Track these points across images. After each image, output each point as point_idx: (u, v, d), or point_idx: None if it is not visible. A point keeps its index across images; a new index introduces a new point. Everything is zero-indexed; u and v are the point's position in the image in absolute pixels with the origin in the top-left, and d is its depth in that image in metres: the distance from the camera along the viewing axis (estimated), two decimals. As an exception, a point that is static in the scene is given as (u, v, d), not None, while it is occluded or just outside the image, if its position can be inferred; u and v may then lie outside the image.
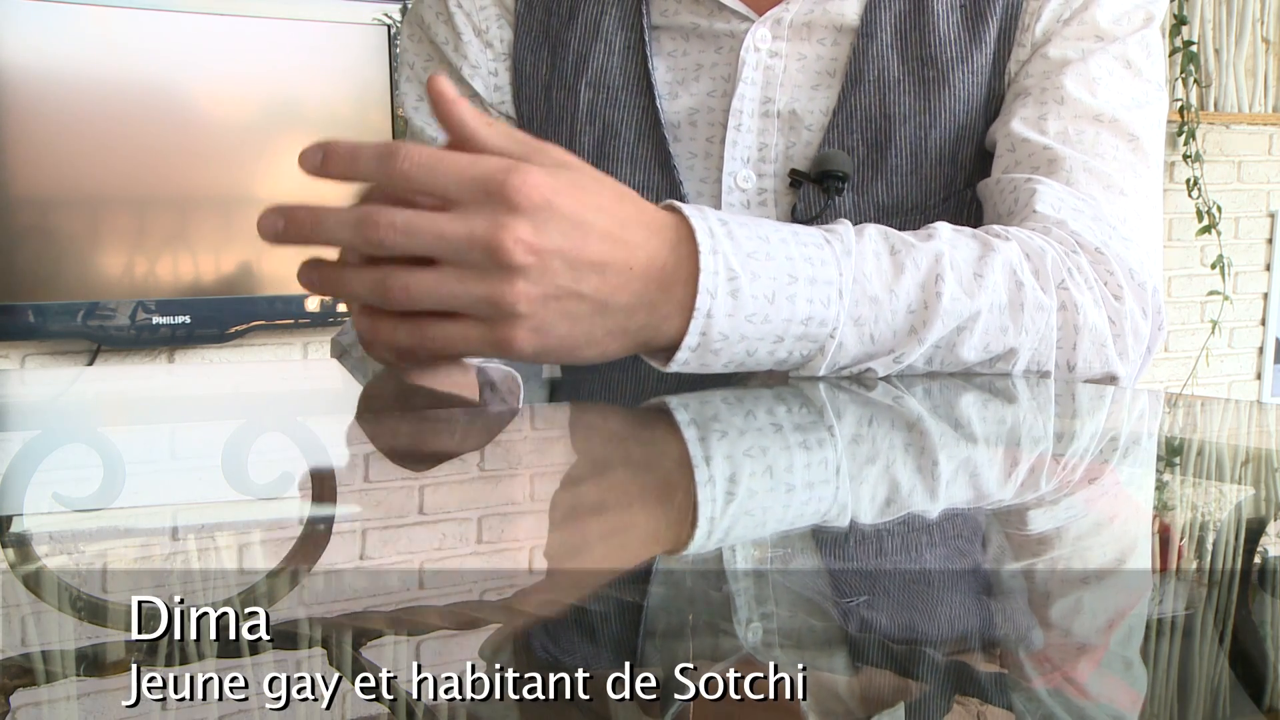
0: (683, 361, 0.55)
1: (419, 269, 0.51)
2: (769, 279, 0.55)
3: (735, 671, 0.23)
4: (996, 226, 0.66)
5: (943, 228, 0.63)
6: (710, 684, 0.22)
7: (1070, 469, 0.42)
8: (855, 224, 0.62)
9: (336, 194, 0.53)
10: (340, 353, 0.85)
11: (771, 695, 0.22)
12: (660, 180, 0.80)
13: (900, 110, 0.77)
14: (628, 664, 0.24)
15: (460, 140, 0.53)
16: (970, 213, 0.80)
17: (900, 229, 0.62)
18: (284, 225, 0.52)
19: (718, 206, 0.80)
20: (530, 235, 0.50)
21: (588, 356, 0.54)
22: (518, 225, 0.50)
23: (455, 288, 0.50)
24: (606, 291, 0.52)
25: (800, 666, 0.23)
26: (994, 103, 0.79)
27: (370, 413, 0.60)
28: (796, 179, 0.78)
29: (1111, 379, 0.66)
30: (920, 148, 0.78)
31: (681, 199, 0.80)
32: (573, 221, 0.51)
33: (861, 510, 0.36)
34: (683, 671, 0.23)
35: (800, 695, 0.22)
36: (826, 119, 0.79)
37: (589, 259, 0.52)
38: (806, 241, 0.57)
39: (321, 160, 0.52)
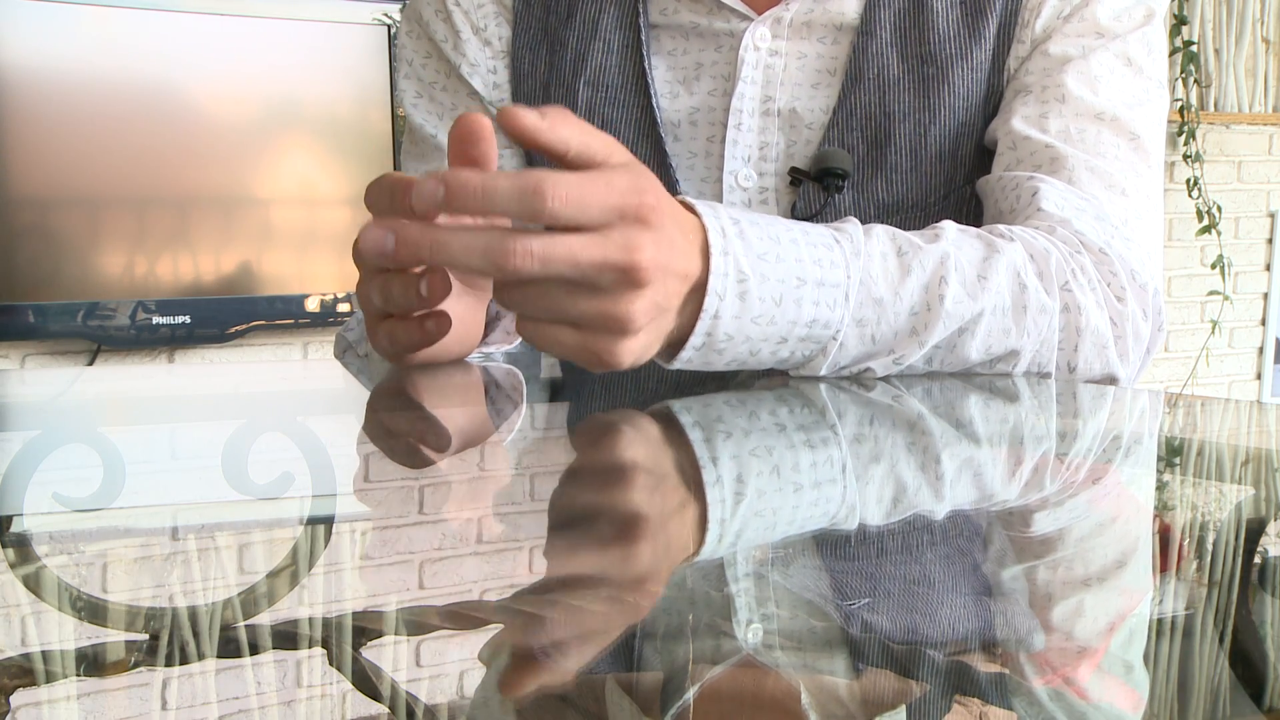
0: (686, 360, 0.55)
1: (544, 284, 0.49)
2: (777, 281, 0.55)
3: (736, 673, 0.23)
4: (1001, 226, 0.66)
5: (949, 227, 0.63)
6: (710, 685, 0.22)
7: (1071, 469, 0.42)
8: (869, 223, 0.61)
9: (336, 193, 0.53)
10: (345, 348, 0.85)
11: (772, 697, 0.22)
12: (658, 179, 0.80)
13: (900, 108, 0.77)
14: (627, 666, 0.24)
15: (547, 152, 0.51)
16: (970, 209, 0.80)
17: (901, 227, 0.62)
18: (398, 243, 0.48)
19: None
20: (655, 254, 0.50)
21: (639, 362, 0.53)
22: (648, 246, 0.49)
23: (581, 302, 0.49)
24: (672, 299, 0.52)
25: (801, 667, 0.23)
26: (994, 99, 0.79)
27: (382, 411, 0.61)
28: (796, 177, 0.78)
29: (1111, 380, 0.66)
30: (920, 145, 0.78)
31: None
32: (672, 237, 0.51)
33: (869, 510, 0.36)
34: (682, 672, 0.23)
35: (801, 697, 0.22)
36: (827, 117, 0.79)
37: (677, 270, 0.52)
38: (816, 242, 0.57)
39: (444, 195, 0.48)
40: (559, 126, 0.50)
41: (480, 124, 0.55)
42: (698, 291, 0.53)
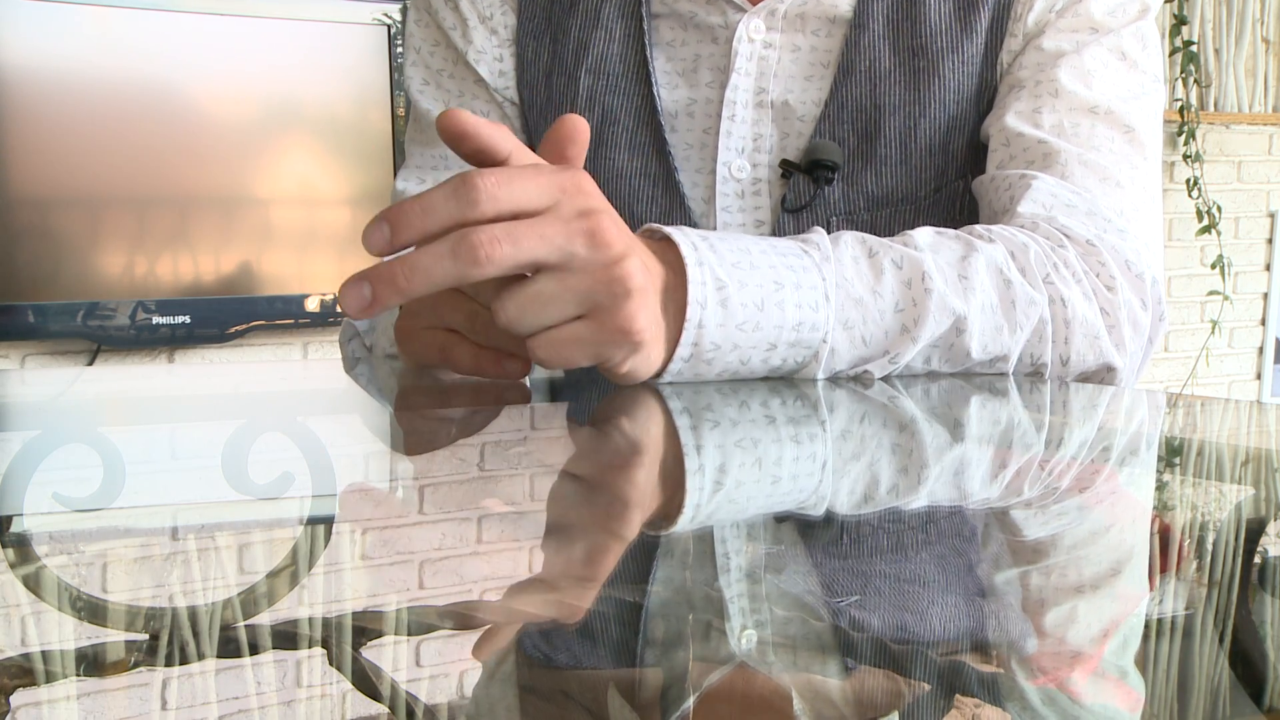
0: (676, 372, 0.55)
1: (527, 283, 0.50)
2: (755, 287, 0.55)
3: (728, 678, 0.23)
4: (979, 226, 0.66)
5: (921, 232, 0.63)
6: (707, 690, 0.22)
7: (1067, 471, 0.42)
8: (842, 218, 0.62)
9: (336, 193, 0.53)
10: (351, 336, 0.85)
11: (764, 701, 0.22)
12: (657, 167, 0.81)
13: (890, 100, 0.78)
14: (623, 664, 0.24)
15: (491, 161, 0.53)
16: (962, 204, 0.80)
17: (890, 220, 0.63)
18: (376, 289, 0.48)
19: (712, 196, 0.80)
20: (611, 220, 0.50)
21: (653, 358, 0.54)
22: (604, 214, 0.50)
23: (562, 286, 0.50)
24: (652, 277, 0.53)
25: (794, 670, 0.23)
26: (986, 93, 0.79)
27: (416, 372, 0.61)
28: (787, 169, 0.79)
29: (1108, 370, 0.66)
30: (910, 138, 0.78)
31: (677, 186, 0.80)
32: (618, 219, 0.52)
33: (840, 502, 0.36)
34: (677, 677, 0.23)
35: (793, 700, 0.22)
36: (819, 110, 0.79)
37: (642, 249, 0.53)
38: (785, 251, 0.57)
39: (391, 233, 0.48)
40: (497, 135, 0.52)
41: (578, 127, 0.56)
42: (674, 298, 0.54)
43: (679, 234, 0.55)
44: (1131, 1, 0.77)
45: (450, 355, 0.59)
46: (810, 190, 0.78)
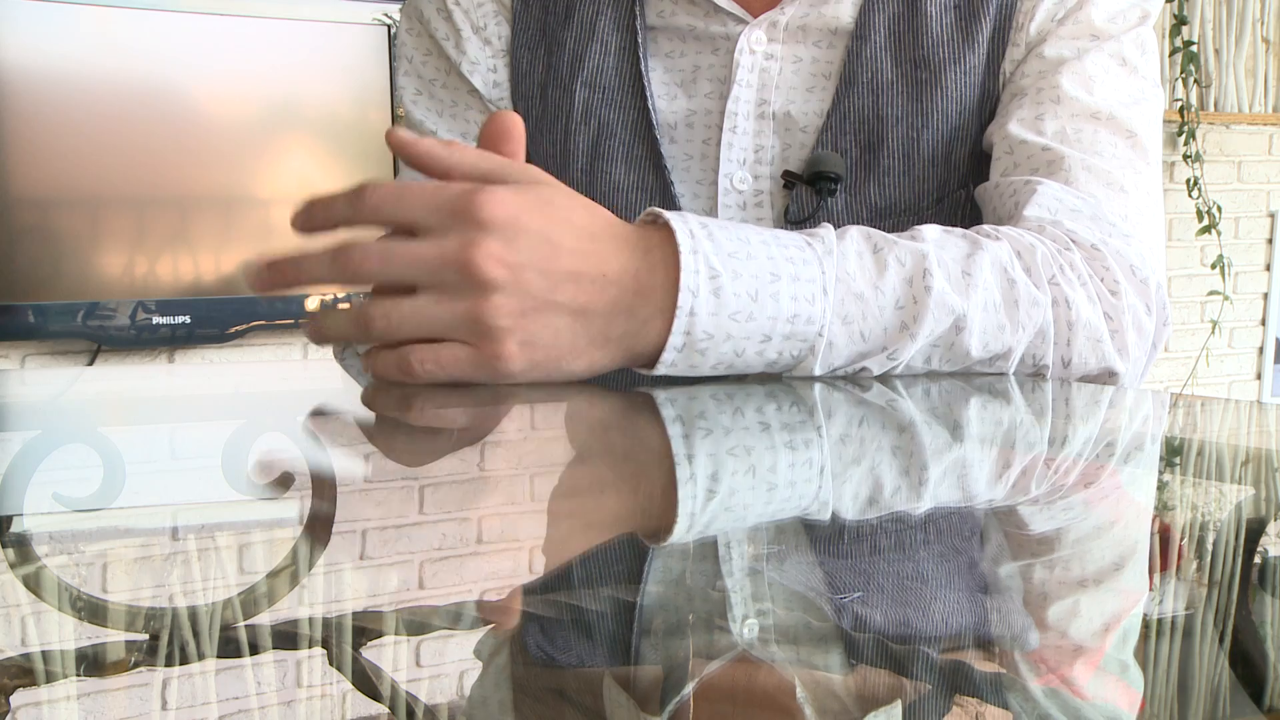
0: (669, 363, 0.55)
1: (398, 298, 0.53)
2: (751, 277, 0.55)
3: (731, 668, 0.23)
4: (987, 226, 0.66)
5: (929, 228, 0.63)
6: (706, 680, 0.22)
7: (1067, 470, 0.42)
8: (844, 226, 0.62)
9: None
10: (344, 347, 0.85)
11: (767, 692, 0.22)
12: (654, 181, 0.80)
13: (893, 111, 0.78)
14: (624, 662, 0.24)
15: (432, 172, 0.55)
16: (965, 214, 0.80)
17: (893, 231, 0.62)
18: (268, 273, 0.54)
19: (714, 208, 0.80)
20: (501, 251, 0.51)
21: (577, 369, 0.55)
22: (487, 242, 0.51)
23: (435, 309, 0.52)
24: (583, 299, 0.53)
25: (797, 662, 0.23)
26: (988, 103, 0.79)
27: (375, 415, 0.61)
28: (789, 180, 0.79)
29: (1110, 375, 0.66)
30: (913, 149, 0.78)
31: (674, 199, 0.80)
32: (541, 235, 0.53)
33: (844, 507, 0.36)
34: (679, 668, 0.23)
35: (796, 691, 0.22)
36: (821, 121, 0.79)
37: (562, 269, 0.53)
38: (787, 243, 0.57)
39: (306, 217, 0.55)
40: (436, 149, 0.55)
41: (512, 122, 0.58)
42: (653, 297, 0.54)
43: (678, 220, 0.55)
44: (1132, 8, 0.77)
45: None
46: (813, 201, 0.78)
